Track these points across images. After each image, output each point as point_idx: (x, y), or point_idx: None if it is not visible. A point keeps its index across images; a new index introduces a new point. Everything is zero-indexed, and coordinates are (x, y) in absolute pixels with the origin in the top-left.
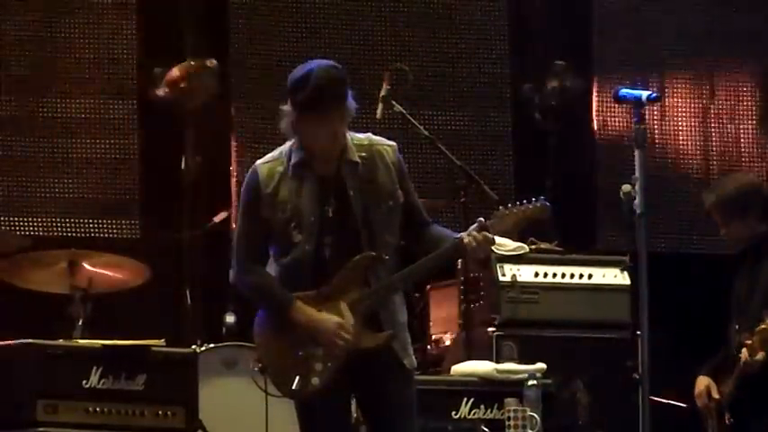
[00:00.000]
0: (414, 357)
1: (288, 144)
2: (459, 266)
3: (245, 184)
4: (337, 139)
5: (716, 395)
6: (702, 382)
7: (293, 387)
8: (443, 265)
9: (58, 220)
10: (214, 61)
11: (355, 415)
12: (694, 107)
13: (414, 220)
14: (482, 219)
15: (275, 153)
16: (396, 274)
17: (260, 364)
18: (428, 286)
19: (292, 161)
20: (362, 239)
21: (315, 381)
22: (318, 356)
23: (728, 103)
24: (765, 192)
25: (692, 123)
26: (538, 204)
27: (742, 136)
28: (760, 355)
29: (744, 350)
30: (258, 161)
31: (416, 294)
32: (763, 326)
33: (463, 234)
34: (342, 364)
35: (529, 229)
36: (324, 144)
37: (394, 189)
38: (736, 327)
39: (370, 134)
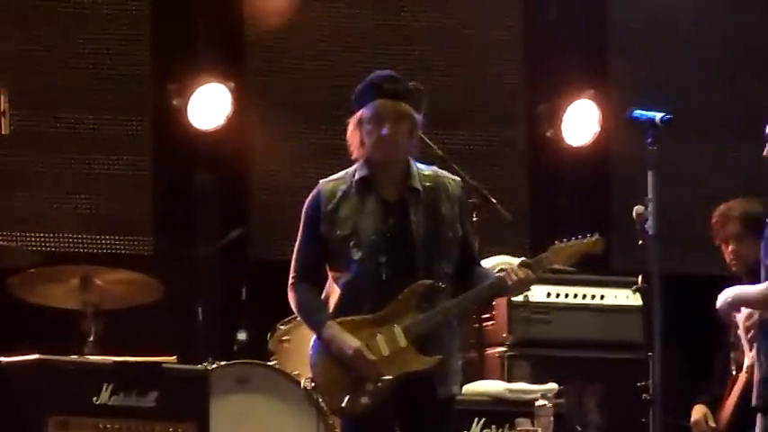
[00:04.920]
0: (452, 387)
1: (354, 166)
2: None
3: (308, 200)
4: (398, 145)
5: (712, 424)
6: (698, 411)
7: (342, 405)
8: (489, 298)
9: (71, 235)
10: None
11: None
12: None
13: (466, 257)
14: (525, 258)
15: (341, 173)
16: (447, 301)
17: (313, 384)
18: None
19: (356, 177)
20: (418, 264)
21: (364, 400)
22: (370, 377)
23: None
24: None
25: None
26: (593, 239)
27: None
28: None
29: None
30: (322, 179)
31: None
32: None
33: (503, 273)
34: (392, 385)
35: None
36: (385, 149)
37: (454, 222)
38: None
39: (435, 167)
